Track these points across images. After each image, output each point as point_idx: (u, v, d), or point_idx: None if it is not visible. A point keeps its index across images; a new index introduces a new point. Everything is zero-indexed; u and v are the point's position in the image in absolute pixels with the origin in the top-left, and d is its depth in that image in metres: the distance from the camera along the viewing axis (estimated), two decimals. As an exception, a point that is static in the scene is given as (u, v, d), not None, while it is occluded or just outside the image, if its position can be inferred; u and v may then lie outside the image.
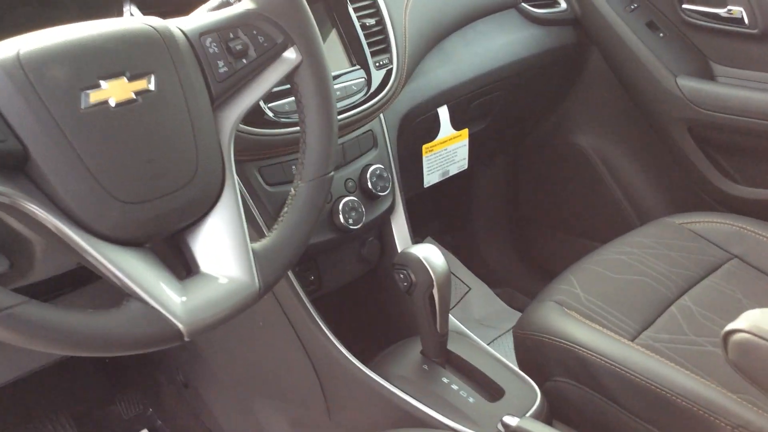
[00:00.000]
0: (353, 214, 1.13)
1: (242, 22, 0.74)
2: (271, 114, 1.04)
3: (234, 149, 0.74)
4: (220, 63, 0.72)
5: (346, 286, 1.24)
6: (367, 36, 1.20)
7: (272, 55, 0.75)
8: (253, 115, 1.02)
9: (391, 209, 1.24)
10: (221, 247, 0.70)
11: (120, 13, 0.94)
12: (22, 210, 0.60)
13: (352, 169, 1.18)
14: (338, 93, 1.13)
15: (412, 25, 1.28)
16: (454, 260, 2.07)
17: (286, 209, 0.77)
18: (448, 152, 1.42)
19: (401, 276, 1.05)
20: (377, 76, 1.20)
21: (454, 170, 1.46)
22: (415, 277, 1.03)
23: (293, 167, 1.10)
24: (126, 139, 0.64)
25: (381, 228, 1.27)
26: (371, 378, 1.07)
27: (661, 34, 1.56)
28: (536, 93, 1.72)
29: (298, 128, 1.07)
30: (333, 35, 1.17)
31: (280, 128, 1.05)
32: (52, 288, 0.79)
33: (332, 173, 0.81)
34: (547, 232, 1.97)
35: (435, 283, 1.03)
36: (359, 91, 1.16)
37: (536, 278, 1.93)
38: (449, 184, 1.99)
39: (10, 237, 0.70)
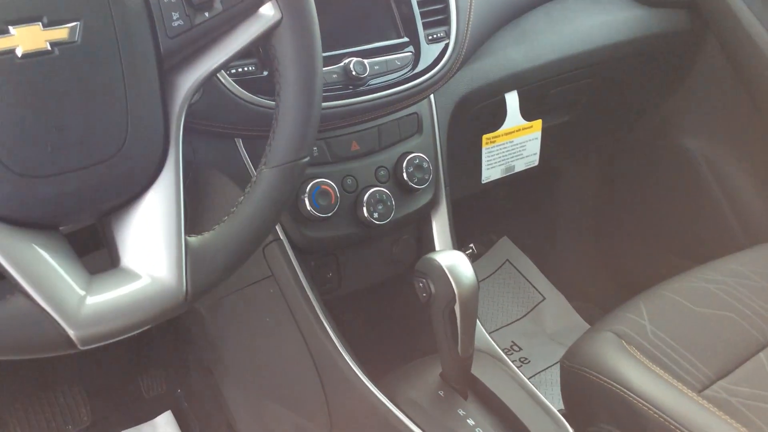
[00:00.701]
0: (380, 207, 0.99)
1: None
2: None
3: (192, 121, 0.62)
4: (175, 15, 0.60)
5: (372, 289, 1.10)
6: (421, 4, 1.04)
7: (244, 9, 0.62)
8: (262, 83, 0.90)
9: (432, 205, 1.08)
10: (149, 238, 0.58)
11: None
12: None
13: (387, 156, 1.03)
14: (376, 68, 0.98)
15: (481, -3, 1.11)
16: (530, 265, 1.87)
17: (242, 198, 0.64)
18: (514, 145, 1.24)
19: (420, 285, 0.90)
20: (429, 52, 1.04)
21: (520, 166, 1.28)
22: (435, 289, 0.88)
23: (314, 148, 0.97)
24: (32, 98, 0.53)
25: (420, 226, 1.11)
26: (376, 397, 0.93)
27: (794, 23, 1.29)
28: (637, 85, 1.49)
29: (322, 104, 0.95)
30: (380, 2, 1.02)
31: None
32: None
33: (306, 159, 0.67)
34: (639, 245, 1.73)
35: (457, 297, 0.87)
36: (403, 67, 1.01)
37: (622, 296, 1.70)
38: (533, 179, 1.79)
39: None
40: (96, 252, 0.74)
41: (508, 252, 1.91)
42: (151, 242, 0.58)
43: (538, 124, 1.25)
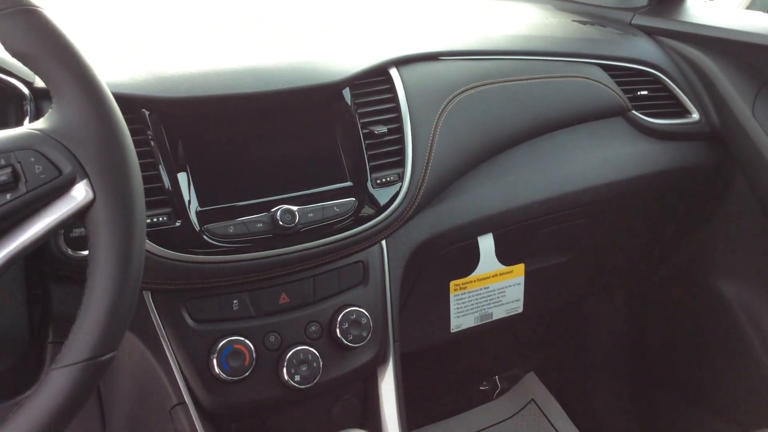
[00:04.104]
0: (303, 368, 0.90)
1: (21, 145, 0.57)
2: (208, 237, 0.86)
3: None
4: None
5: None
6: (372, 146, 0.97)
7: (51, 189, 0.57)
8: (185, 236, 0.85)
9: (375, 363, 0.98)
10: None
11: None
12: None
13: (321, 309, 0.94)
14: (310, 215, 0.91)
15: (447, 137, 1.03)
16: (557, 408, 1.68)
17: (22, 399, 0.58)
18: (490, 291, 1.12)
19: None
20: (376, 197, 0.96)
21: (500, 314, 1.15)
22: (336, 478, 0.77)
23: (234, 302, 0.90)
24: None
25: (367, 383, 1.01)
26: None
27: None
28: (651, 224, 1.34)
29: (243, 255, 0.88)
30: (324, 143, 0.95)
31: (221, 255, 0.86)
32: None
33: (107, 357, 0.59)
34: (675, 398, 1.52)
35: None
36: (342, 215, 0.93)
37: (655, 455, 1.50)
38: (552, 312, 1.64)
39: None
40: None
41: (534, 390, 1.73)
42: None
43: (519, 268, 1.13)
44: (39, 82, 0.83)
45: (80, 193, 0.58)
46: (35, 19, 0.58)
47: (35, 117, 0.81)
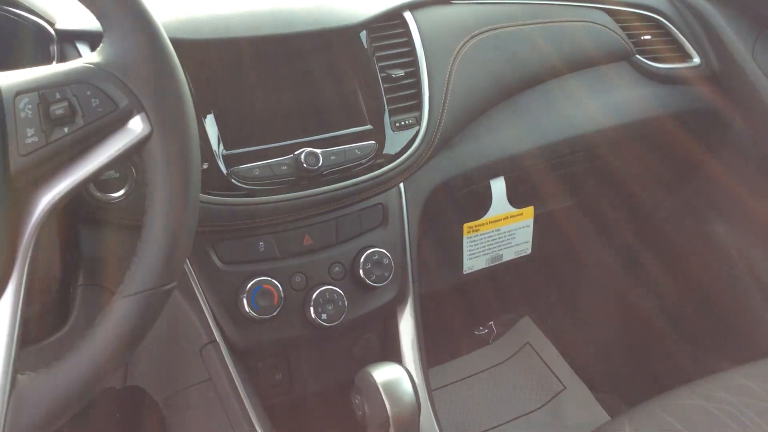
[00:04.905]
0: (329, 307, 0.92)
1: (76, 79, 0.57)
2: (234, 179, 0.86)
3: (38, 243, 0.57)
4: (30, 131, 0.56)
5: (333, 391, 1.02)
6: (390, 90, 0.98)
7: (108, 123, 0.58)
8: (212, 178, 0.85)
9: (396, 302, 1.00)
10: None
11: None
12: None
13: (344, 251, 0.96)
14: (333, 158, 0.92)
15: (461, 80, 1.04)
16: (552, 350, 1.74)
17: (87, 330, 0.59)
18: (501, 234, 1.15)
19: (356, 402, 0.82)
20: (395, 140, 0.97)
21: (510, 255, 1.18)
22: (369, 409, 0.80)
23: (260, 243, 0.91)
24: None
25: (386, 322, 1.03)
26: None
27: (823, 106, 1.16)
28: (654, 166, 1.37)
29: (269, 198, 0.90)
30: (344, 87, 0.96)
31: (246, 197, 0.87)
32: None
33: (170, 285, 0.61)
34: (668, 337, 1.58)
35: (391, 421, 0.78)
36: (363, 157, 0.94)
37: (648, 390, 1.55)
38: (557, 255, 1.68)
39: None
40: None
41: (528, 334, 1.78)
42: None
43: (529, 211, 1.16)
44: (61, 24, 0.82)
45: (137, 126, 0.58)
46: None
47: (60, 60, 0.80)
